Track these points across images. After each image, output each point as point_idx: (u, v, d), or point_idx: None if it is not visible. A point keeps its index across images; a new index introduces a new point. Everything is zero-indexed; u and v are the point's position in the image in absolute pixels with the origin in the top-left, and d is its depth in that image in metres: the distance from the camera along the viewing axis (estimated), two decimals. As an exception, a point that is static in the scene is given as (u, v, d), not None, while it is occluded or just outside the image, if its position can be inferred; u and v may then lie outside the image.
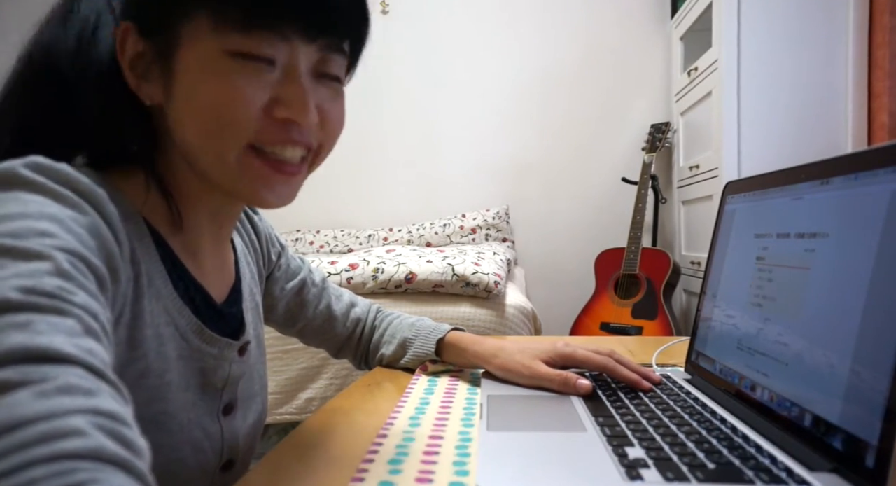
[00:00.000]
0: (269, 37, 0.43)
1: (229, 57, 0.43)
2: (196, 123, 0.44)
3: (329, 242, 2.72)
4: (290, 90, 0.45)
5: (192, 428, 0.49)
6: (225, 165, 0.46)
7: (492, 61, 2.81)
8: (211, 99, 0.43)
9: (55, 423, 0.23)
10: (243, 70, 0.43)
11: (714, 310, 0.66)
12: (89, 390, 0.26)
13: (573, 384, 0.61)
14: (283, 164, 0.47)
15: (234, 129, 0.44)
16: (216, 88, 0.43)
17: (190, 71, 0.43)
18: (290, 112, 0.45)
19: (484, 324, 1.57)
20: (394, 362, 0.77)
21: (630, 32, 2.72)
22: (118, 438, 0.24)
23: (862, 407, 0.39)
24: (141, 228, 0.46)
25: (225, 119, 0.44)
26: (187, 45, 0.43)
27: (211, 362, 0.51)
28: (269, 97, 0.45)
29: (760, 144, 1.91)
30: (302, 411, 1.60)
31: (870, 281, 0.41)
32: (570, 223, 2.79)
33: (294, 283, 0.73)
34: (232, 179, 0.46)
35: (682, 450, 0.45)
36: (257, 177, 0.46)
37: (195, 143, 0.45)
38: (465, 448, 0.47)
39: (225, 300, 0.56)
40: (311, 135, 0.48)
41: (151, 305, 0.45)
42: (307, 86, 0.46)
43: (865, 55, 1.86)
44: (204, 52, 0.43)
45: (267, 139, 0.45)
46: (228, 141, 0.45)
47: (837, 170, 0.48)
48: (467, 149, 2.84)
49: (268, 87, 0.44)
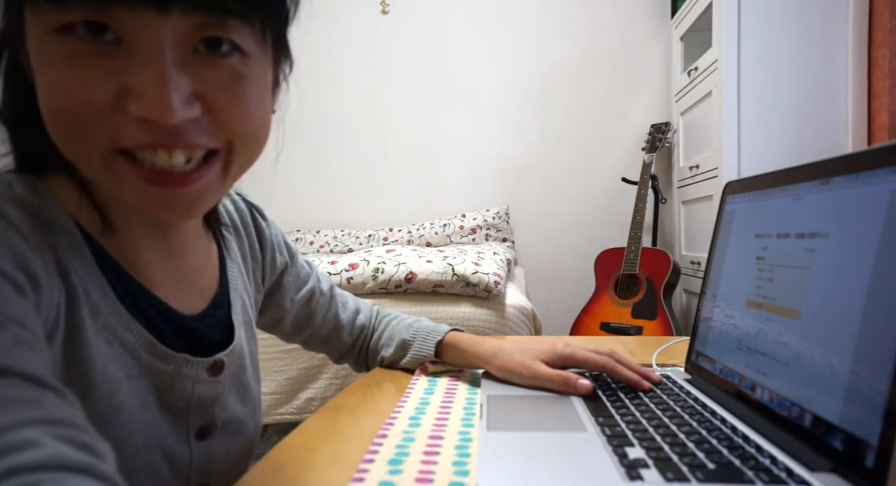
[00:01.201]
0: (106, 8, 0.33)
1: (53, 36, 0.34)
2: (48, 123, 0.36)
3: (329, 242, 2.72)
4: (142, 77, 0.34)
5: (150, 453, 0.45)
6: (96, 174, 0.38)
7: (492, 61, 2.81)
8: (49, 95, 0.35)
9: (6, 437, 0.22)
10: (75, 53, 0.34)
11: (714, 310, 0.66)
12: (34, 400, 0.25)
13: (573, 384, 0.61)
14: (161, 174, 0.37)
15: (81, 131, 0.35)
16: (50, 79, 0.35)
17: (32, 60, 0.36)
18: (141, 107, 0.34)
19: (484, 324, 1.57)
20: (393, 364, 0.77)
21: (630, 32, 2.72)
22: (76, 443, 0.23)
23: (862, 407, 0.39)
24: (74, 237, 0.41)
25: (68, 119, 0.35)
26: (28, 29, 0.35)
27: (166, 379, 0.46)
28: (116, 87, 0.35)
29: (760, 144, 1.91)
30: (302, 411, 1.59)
31: (870, 281, 0.41)
32: (570, 223, 2.79)
33: (303, 293, 0.72)
34: (112, 190, 0.39)
35: (683, 450, 0.45)
36: (132, 188, 0.38)
37: (57, 144, 0.37)
38: (465, 448, 0.47)
39: (200, 313, 0.51)
40: (199, 133, 0.37)
41: (90, 321, 0.40)
42: (167, 69, 0.34)
43: (865, 55, 1.86)
44: (34, 34, 0.35)
45: (130, 141, 0.36)
46: (80, 145, 0.36)
47: (837, 170, 0.48)
48: (467, 149, 2.84)
49: (114, 72, 0.34)
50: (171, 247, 0.49)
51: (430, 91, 2.85)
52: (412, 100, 2.86)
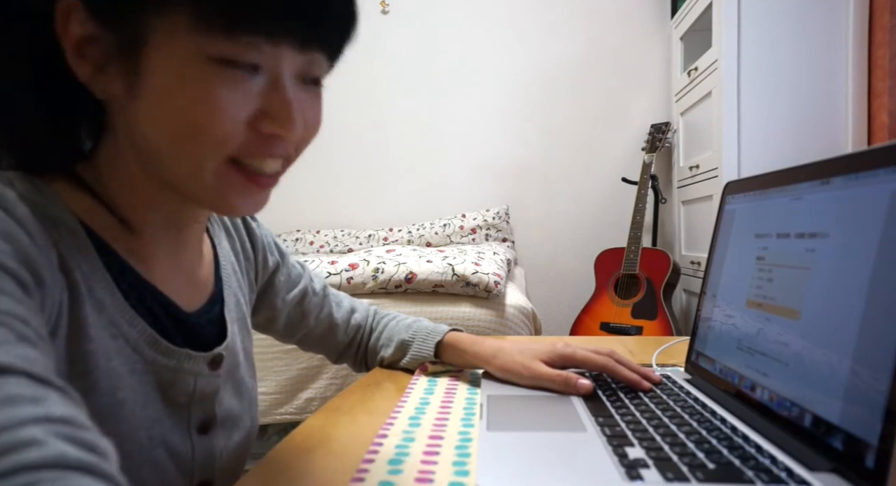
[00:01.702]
0: (257, 42, 0.39)
1: (210, 62, 0.38)
2: (168, 130, 0.40)
3: (329, 242, 2.72)
4: (277, 102, 0.41)
5: (153, 447, 0.45)
6: (199, 177, 0.42)
7: (492, 61, 2.81)
8: (189, 108, 0.39)
9: (7, 436, 0.22)
10: (226, 78, 0.39)
11: (714, 310, 0.66)
12: (36, 398, 0.25)
13: (573, 384, 0.61)
14: (260, 176, 0.44)
15: (216, 143, 0.40)
16: (196, 96, 0.39)
17: (163, 72, 0.39)
18: (277, 127, 0.42)
19: (484, 324, 1.57)
20: (393, 364, 0.77)
21: (630, 32, 2.72)
22: (78, 442, 0.23)
23: (862, 407, 0.39)
24: (77, 234, 0.42)
25: (206, 133, 0.39)
26: (160, 43, 0.38)
27: (168, 374, 0.47)
28: (254, 109, 0.41)
29: (760, 144, 1.91)
30: (302, 411, 1.59)
31: (870, 281, 0.41)
32: (570, 223, 2.79)
33: (295, 293, 0.72)
34: (203, 190, 0.43)
35: (682, 450, 0.45)
36: (232, 188, 0.43)
37: (165, 150, 0.41)
38: (465, 448, 0.47)
39: (198, 310, 0.52)
40: (290, 144, 0.45)
41: (93, 317, 0.41)
42: (294, 96, 0.42)
43: (865, 55, 1.86)
44: (181, 53, 0.38)
45: (248, 153, 0.42)
46: (207, 154, 0.41)
47: (837, 170, 0.48)
48: (467, 149, 2.84)
49: (252, 97, 0.40)
50: (182, 242, 0.51)
51: (430, 91, 2.85)
52: (412, 100, 2.86)
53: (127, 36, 0.39)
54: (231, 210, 0.45)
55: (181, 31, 0.38)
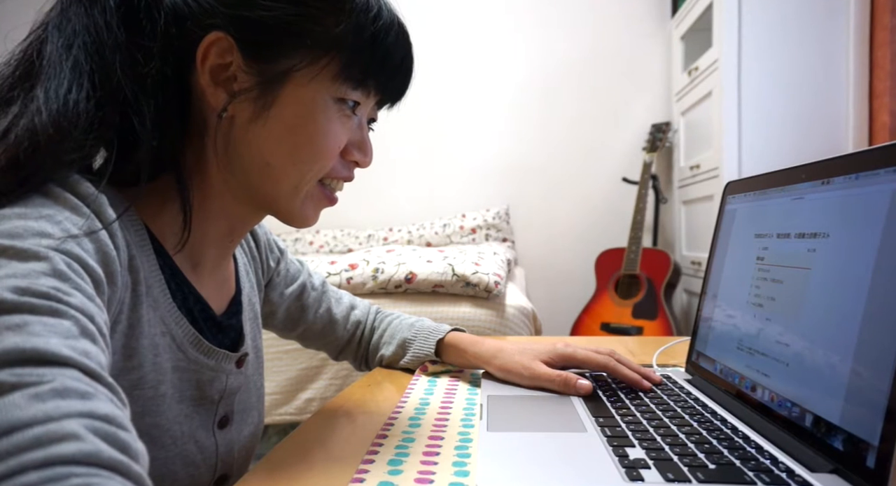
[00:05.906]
0: (368, 94, 0.50)
1: (334, 100, 0.48)
2: (289, 150, 0.47)
3: (329, 242, 2.72)
4: (363, 137, 0.53)
5: (185, 442, 0.48)
6: (297, 190, 0.50)
7: (492, 61, 2.81)
8: (315, 136, 0.47)
9: (49, 427, 0.23)
10: (342, 115, 0.49)
11: (714, 310, 0.66)
12: (85, 393, 0.25)
13: (573, 385, 0.61)
14: (333, 194, 0.54)
15: (323, 164, 0.49)
16: (321, 128, 0.48)
17: (294, 104, 0.46)
18: (361, 157, 0.52)
19: (484, 324, 1.57)
20: (393, 363, 0.77)
21: (630, 32, 2.72)
22: (114, 442, 0.24)
23: (863, 408, 0.39)
24: (143, 236, 0.45)
25: (321, 155, 0.48)
26: (301, 83, 0.46)
27: (208, 374, 0.51)
28: (346, 140, 0.50)
29: (761, 144, 1.91)
30: (302, 411, 1.59)
31: (870, 281, 0.41)
32: (571, 223, 2.79)
33: (293, 288, 0.73)
34: (293, 202, 0.50)
35: (683, 451, 0.44)
36: (314, 203, 0.52)
37: (280, 166, 0.48)
38: (465, 449, 0.47)
39: (224, 312, 0.56)
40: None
41: (149, 314, 0.45)
42: (368, 132, 0.54)
43: (866, 55, 1.85)
44: (314, 91, 0.47)
45: (333, 175, 0.51)
46: (315, 173, 0.49)
47: (838, 170, 0.48)
48: (467, 149, 2.84)
49: (348, 132, 0.50)
50: (228, 251, 0.56)
51: (430, 91, 2.84)
52: (412, 99, 2.83)
53: (272, 73, 0.46)
54: (304, 221, 0.52)
55: (325, 77, 0.47)
